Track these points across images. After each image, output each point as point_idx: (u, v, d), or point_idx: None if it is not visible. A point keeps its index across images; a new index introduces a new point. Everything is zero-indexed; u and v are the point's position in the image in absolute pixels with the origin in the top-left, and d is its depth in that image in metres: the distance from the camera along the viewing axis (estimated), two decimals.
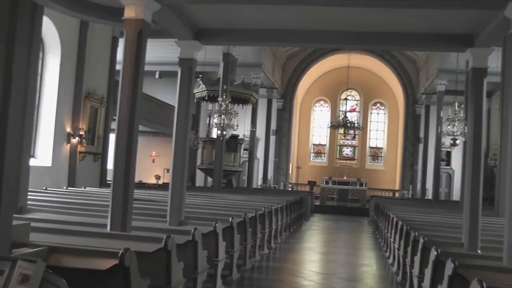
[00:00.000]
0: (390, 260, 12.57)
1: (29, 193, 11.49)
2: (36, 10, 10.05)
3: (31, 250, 5.18)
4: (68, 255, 5.33)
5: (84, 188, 17.73)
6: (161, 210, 10.68)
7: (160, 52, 22.39)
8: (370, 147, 39.85)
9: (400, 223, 11.19)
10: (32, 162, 16.91)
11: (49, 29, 17.71)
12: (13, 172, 4.64)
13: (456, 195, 31.02)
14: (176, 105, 10.13)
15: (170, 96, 21.36)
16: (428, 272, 7.16)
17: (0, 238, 4.53)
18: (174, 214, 9.76)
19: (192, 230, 7.45)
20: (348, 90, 38.73)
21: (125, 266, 5.11)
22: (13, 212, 4.82)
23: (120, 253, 5.09)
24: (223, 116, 18.85)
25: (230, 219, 9.60)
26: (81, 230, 7.10)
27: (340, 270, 11.74)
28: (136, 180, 26.91)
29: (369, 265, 12.51)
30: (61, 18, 17.18)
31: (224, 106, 18.96)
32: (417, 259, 8.32)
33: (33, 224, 6.33)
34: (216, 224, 8.57)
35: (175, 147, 10.06)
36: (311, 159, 40.20)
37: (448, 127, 19.18)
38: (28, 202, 10.65)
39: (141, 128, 26.19)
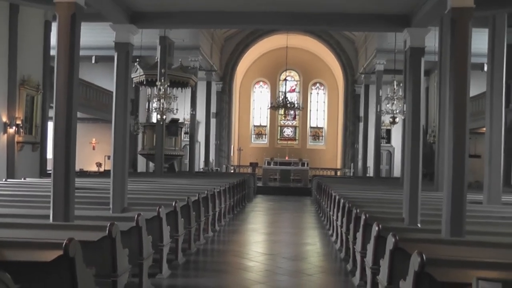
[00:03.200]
0: (333, 238, 12.85)
1: None
2: None
3: None
4: (11, 248, 5.27)
5: (24, 179, 17.31)
6: (103, 198, 10.57)
7: (96, 36, 21.94)
8: (311, 127, 40.32)
9: (342, 200, 11.43)
10: None
11: None
12: None
13: (397, 172, 31.89)
14: (114, 91, 10.02)
15: (107, 81, 21.00)
16: (370, 247, 7.39)
17: None
18: (116, 201, 9.71)
19: (136, 216, 7.45)
20: (287, 71, 39.01)
21: (70, 257, 5.09)
22: None
23: (64, 244, 5.06)
24: (162, 100, 18.72)
25: (173, 203, 9.62)
26: (23, 222, 6.97)
27: (285, 250, 11.93)
28: (77, 168, 26.51)
29: (312, 243, 12.74)
30: None
31: (163, 90, 18.82)
32: (359, 235, 8.54)
33: None
34: (160, 209, 8.59)
35: (114, 133, 9.97)
36: (252, 141, 40.40)
37: (387, 105, 19.57)
38: None
39: (79, 115, 25.76)
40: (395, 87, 19.16)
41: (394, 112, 19.35)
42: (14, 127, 18.56)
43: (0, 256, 5.04)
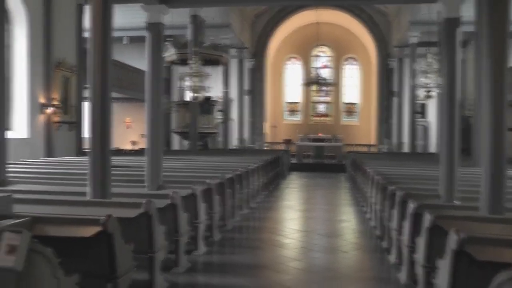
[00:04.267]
0: (368, 215, 12.79)
1: (8, 166, 11.49)
2: None
3: (15, 221, 5.24)
4: (52, 224, 5.40)
5: (62, 157, 17.69)
6: (139, 176, 10.74)
7: (128, 17, 22.14)
8: (344, 103, 39.98)
9: (376, 177, 11.32)
10: (9, 134, 16.81)
11: (13, 1, 17.46)
12: None
13: (432, 148, 31.37)
14: (146, 70, 10.12)
15: (140, 61, 21.20)
16: (406, 225, 7.25)
17: None
18: (152, 178, 9.87)
19: (171, 194, 7.57)
20: (319, 47, 38.75)
21: (109, 233, 5.22)
22: None
23: (102, 220, 5.19)
24: (194, 79, 18.82)
25: (208, 181, 9.72)
26: (63, 199, 7.14)
27: (320, 226, 11.94)
28: (113, 147, 26.94)
29: (347, 220, 12.72)
30: None
31: (195, 68, 18.90)
32: (394, 212, 8.40)
33: (15, 196, 6.43)
34: (195, 187, 8.69)
35: (148, 112, 10.09)
36: (286, 118, 40.31)
37: (422, 79, 19.30)
38: (8, 175, 10.63)
39: (114, 95, 26.21)
40: (429, 60, 18.85)
41: (429, 86, 19.07)
42: (51, 108, 18.92)
43: (41, 231, 5.20)
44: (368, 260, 8.90)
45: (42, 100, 18.72)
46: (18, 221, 5.27)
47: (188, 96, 21.99)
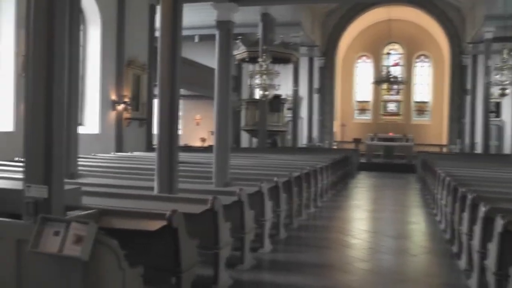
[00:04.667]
0: (438, 218, 12.40)
1: (79, 160, 11.81)
2: None
3: (84, 212, 5.40)
4: (118, 217, 5.50)
5: (132, 153, 18.07)
6: (207, 172, 10.80)
7: (198, 16, 22.40)
8: (415, 102, 39.00)
9: (447, 179, 10.92)
10: (81, 130, 17.36)
11: (88, 2, 17.97)
12: (60, 140, 4.80)
13: (507, 148, 30.16)
14: (216, 68, 10.16)
15: (210, 59, 21.44)
16: (477, 229, 6.87)
17: (53, 201, 4.73)
18: (219, 175, 9.90)
19: (238, 191, 7.55)
20: (391, 44, 38.07)
21: (173, 227, 5.25)
22: (63, 177, 4.99)
23: (167, 215, 5.22)
24: (264, 77, 18.82)
25: (275, 179, 9.66)
26: (130, 193, 7.25)
27: (388, 228, 11.71)
28: (182, 143, 27.35)
29: (417, 222, 12.38)
30: None
31: (265, 66, 18.90)
32: (465, 216, 7.98)
33: (84, 188, 6.55)
34: (262, 184, 8.65)
35: (217, 109, 10.15)
36: (356, 116, 39.80)
37: (497, 76, 18.61)
38: (79, 168, 10.92)
39: (184, 92, 26.67)
40: (505, 56, 18.13)
41: (504, 83, 18.35)
42: (122, 105, 19.37)
43: (108, 223, 5.28)
44: (437, 265, 8.60)
45: (113, 97, 19.21)
46: (85, 212, 5.42)
47: (258, 94, 22.01)
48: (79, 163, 11.56)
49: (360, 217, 13.25)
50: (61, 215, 4.78)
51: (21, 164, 10.65)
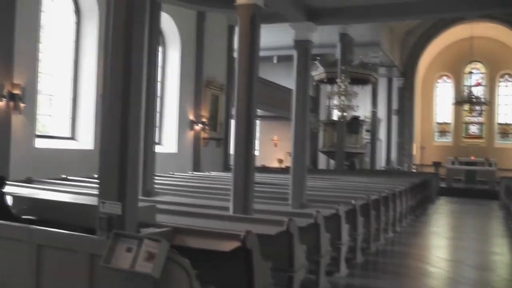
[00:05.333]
0: None
1: (156, 178, 11.99)
2: (154, 6, 10.35)
3: (157, 230, 5.38)
4: (192, 236, 5.44)
5: (208, 172, 18.20)
6: (283, 194, 10.68)
7: (277, 36, 22.45)
8: (499, 124, 37.41)
9: None
10: (159, 149, 17.73)
11: (168, 24, 18.41)
12: (135, 159, 4.83)
13: None
14: (294, 88, 10.09)
15: (289, 80, 21.50)
16: None
17: (127, 218, 4.77)
18: (296, 196, 9.76)
19: (315, 213, 7.38)
20: (473, 63, 36.79)
21: (247, 248, 5.14)
22: (137, 195, 5.01)
23: (242, 236, 5.12)
24: (342, 97, 18.63)
25: (353, 202, 9.44)
26: (205, 212, 7.23)
27: (469, 257, 11.16)
28: (259, 164, 27.39)
29: (501, 253, 11.68)
30: (179, 13, 17.90)
31: (343, 87, 18.71)
32: None
33: (159, 206, 6.59)
34: (339, 207, 8.45)
35: (295, 131, 10.05)
36: (435, 139, 38.72)
37: None
38: (155, 186, 11.06)
39: (262, 113, 26.78)
40: None
41: None
42: (200, 125, 19.60)
43: (181, 242, 5.26)
44: None
45: (191, 117, 19.49)
46: (159, 230, 5.40)
47: (336, 115, 21.85)
48: (156, 181, 11.76)
49: (439, 244, 12.77)
50: (134, 232, 4.79)
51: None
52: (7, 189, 8.96)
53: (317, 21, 10.17)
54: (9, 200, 6.42)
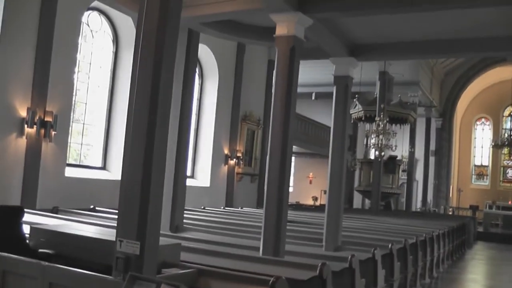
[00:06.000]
0: None
1: (186, 212, 11.71)
2: (192, 35, 10.17)
3: (180, 271, 5.10)
4: (217, 279, 5.15)
5: (241, 208, 17.86)
6: (316, 234, 10.26)
7: (316, 73, 22.25)
8: None
9: None
10: (192, 182, 17.54)
11: (207, 56, 18.32)
12: (158, 196, 4.53)
13: None
14: (332, 125, 9.74)
15: (326, 117, 21.24)
16: None
17: (147, 259, 4.47)
18: (330, 238, 9.32)
19: (349, 257, 6.95)
20: None
21: None
22: (159, 234, 4.70)
23: (271, 281, 4.74)
24: (380, 136, 18.20)
25: (390, 246, 8.95)
26: (233, 253, 6.88)
27: None
28: (293, 200, 26.95)
29: None
30: (219, 45, 17.81)
31: (382, 126, 18.29)
32: None
33: (186, 243, 6.41)
34: (375, 251, 7.99)
35: (331, 168, 9.68)
36: (473, 181, 37.86)
37: None
38: (185, 221, 10.77)
39: (298, 149, 26.46)
40: None
41: None
42: (234, 159, 19.32)
43: (205, 285, 5.03)
44: None
45: (226, 151, 19.21)
46: (182, 271, 5.12)
47: (373, 154, 21.42)
48: (186, 216, 11.49)
49: None
50: (152, 274, 4.47)
51: None
52: (31, 218, 8.87)
53: (358, 57, 9.87)
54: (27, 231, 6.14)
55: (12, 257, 5.13)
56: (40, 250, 5.73)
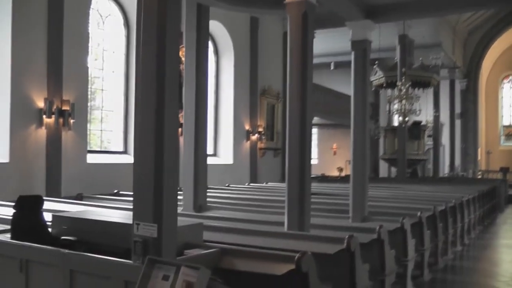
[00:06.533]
0: None
1: (210, 191, 11.58)
2: (201, 10, 9.92)
3: (203, 252, 4.96)
4: (241, 257, 4.97)
5: (266, 183, 17.71)
6: (343, 205, 10.05)
7: (333, 42, 21.84)
8: None
9: None
10: (215, 160, 17.49)
11: (221, 33, 18.09)
12: (174, 174, 4.36)
13: None
14: (351, 93, 9.47)
15: (347, 87, 20.89)
16: None
17: (164, 241, 4.31)
18: (356, 209, 9.08)
19: (377, 228, 6.72)
20: None
21: (303, 272, 4.57)
22: (176, 214, 4.56)
23: (296, 257, 4.56)
24: (403, 101, 17.83)
25: (419, 214, 8.68)
26: (257, 229, 6.69)
27: None
28: (319, 173, 26.75)
29: None
30: (232, 21, 17.66)
31: (404, 90, 17.92)
32: None
33: (209, 222, 6.38)
34: (404, 220, 7.74)
35: (354, 138, 9.41)
36: (502, 143, 37.24)
37: None
38: (209, 200, 10.66)
39: (320, 121, 26.15)
40: None
41: None
42: (256, 134, 19.15)
43: (229, 264, 4.85)
44: None
45: (247, 127, 19.05)
46: (205, 251, 4.97)
47: (397, 120, 21.06)
48: (210, 194, 11.39)
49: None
50: (172, 257, 4.32)
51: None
52: (56, 206, 8.85)
53: (375, 19, 9.46)
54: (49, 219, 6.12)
55: (33, 246, 5.11)
56: (62, 237, 5.72)
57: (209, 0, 9.42)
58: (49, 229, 5.95)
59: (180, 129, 9.54)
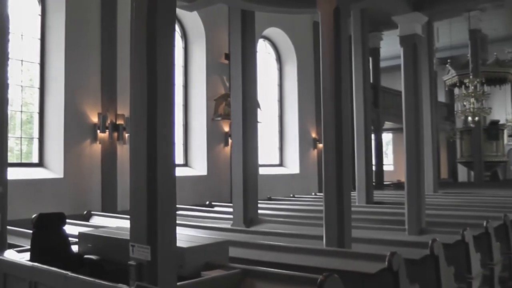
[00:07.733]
0: None
1: (270, 203, 11.77)
2: (246, 17, 9.54)
3: (223, 273, 4.63)
4: (263, 279, 4.59)
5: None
6: (399, 215, 9.26)
7: None
8: None
9: None
10: (281, 171, 17.21)
11: (282, 39, 17.92)
12: (170, 189, 3.94)
13: None
14: (402, 92, 8.78)
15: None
16: None
17: (159, 265, 3.93)
18: (412, 220, 8.27)
19: (430, 242, 6.00)
20: None
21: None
22: (174, 234, 4.14)
23: (319, 280, 4.03)
24: (472, 100, 16.71)
25: (485, 223, 7.79)
26: (293, 246, 6.13)
27: None
28: (395, 179, 25.60)
29: None
30: (293, 26, 17.70)
31: (472, 88, 16.82)
32: None
33: (253, 238, 6.36)
34: (465, 232, 6.89)
35: (406, 139, 8.68)
36: None
37: None
38: (266, 212, 10.33)
39: (395, 125, 25.03)
40: None
41: None
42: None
43: (250, 287, 4.54)
44: None
45: (313, 135, 18.54)
46: (225, 273, 4.61)
47: (468, 120, 19.97)
48: (269, 206, 11.28)
49: None
50: (172, 282, 3.94)
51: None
52: (109, 222, 8.74)
53: (425, 10, 8.68)
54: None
55: (40, 268, 4.99)
56: (86, 256, 5.74)
57: (239, 2, 8.93)
58: (73, 247, 5.91)
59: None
